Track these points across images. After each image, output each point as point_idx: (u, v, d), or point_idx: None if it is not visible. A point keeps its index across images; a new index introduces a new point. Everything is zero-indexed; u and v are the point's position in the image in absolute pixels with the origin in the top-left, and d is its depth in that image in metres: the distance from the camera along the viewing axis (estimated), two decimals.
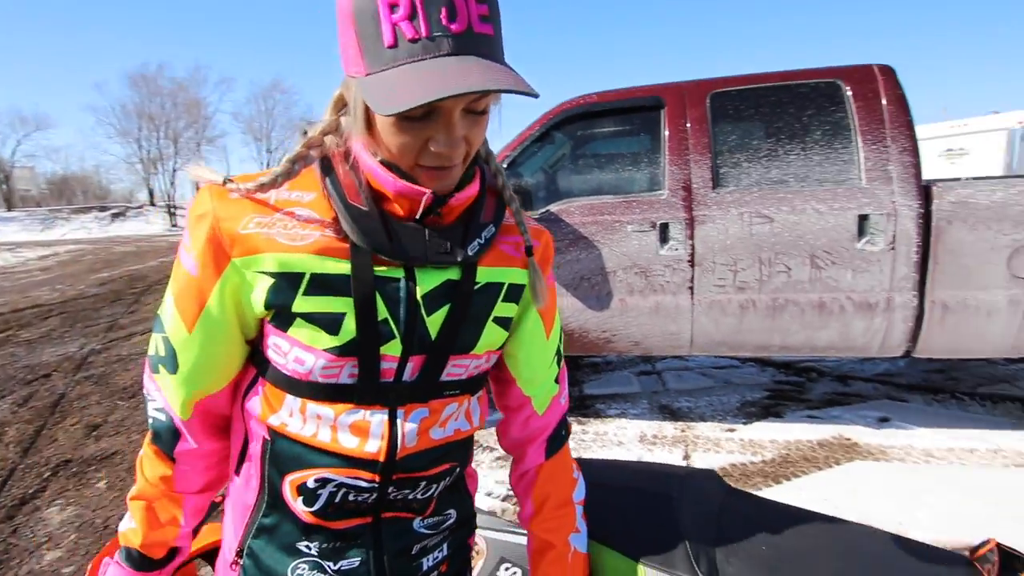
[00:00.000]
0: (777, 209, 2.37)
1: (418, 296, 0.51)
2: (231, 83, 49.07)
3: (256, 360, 0.55)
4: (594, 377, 3.65)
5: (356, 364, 0.50)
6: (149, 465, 0.56)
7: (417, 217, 0.50)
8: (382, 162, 0.48)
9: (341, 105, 0.51)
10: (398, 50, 0.42)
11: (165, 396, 0.54)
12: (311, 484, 0.53)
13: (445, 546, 0.61)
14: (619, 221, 2.52)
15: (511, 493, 2.03)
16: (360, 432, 0.51)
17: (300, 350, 0.50)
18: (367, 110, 0.46)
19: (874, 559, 0.62)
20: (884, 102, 2.31)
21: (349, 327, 0.49)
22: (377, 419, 0.52)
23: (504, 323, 0.57)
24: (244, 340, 0.54)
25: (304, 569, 0.55)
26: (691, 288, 2.48)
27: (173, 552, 0.59)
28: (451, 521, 0.61)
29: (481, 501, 2.09)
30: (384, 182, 0.49)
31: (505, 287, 0.56)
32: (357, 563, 0.55)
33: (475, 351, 0.55)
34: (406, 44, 0.41)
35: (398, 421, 0.52)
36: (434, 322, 0.52)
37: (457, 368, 0.54)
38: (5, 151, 32.16)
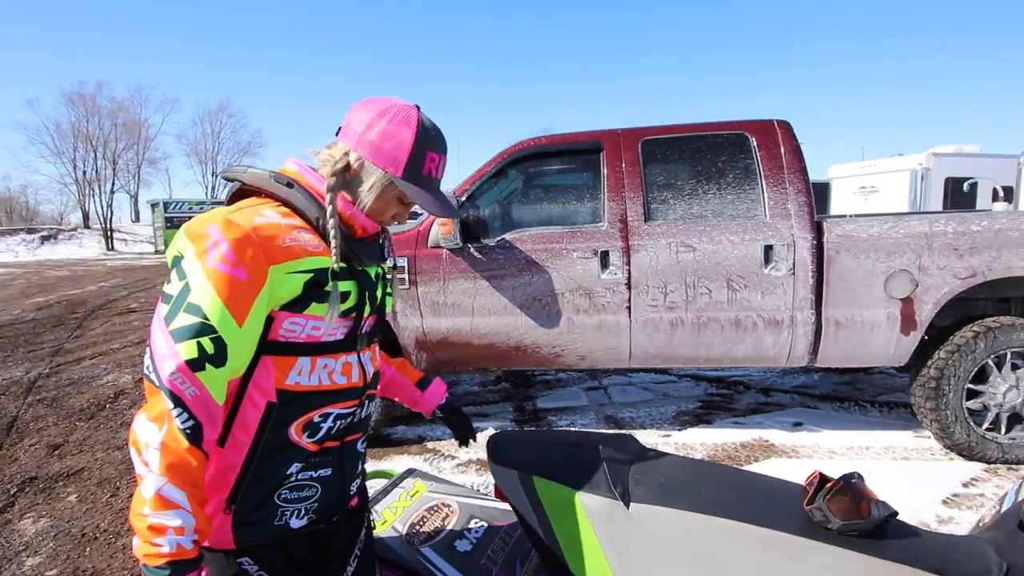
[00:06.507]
0: (699, 240, 3.04)
1: (372, 279, 0.97)
2: (176, 104, 49.03)
3: (259, 346, 0.83)
4: (546, 392, 4.34)
5: (351, 323, 0.91)
6: (182, 465, 0.74)
7: (367, 238, 0.96)
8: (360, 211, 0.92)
9: (345, 170, 0.89)
10: (428, 179, 0.91)
11: (208, 390, 0.75)
12: (316, 419, 0.88)
13: (361, 464, 1.04)
14: (566, 249, 3.16)
15: (478, 479, 2.68)
16: (347, 371, 0.92)
17: (315, 321, 0.85)
18: (381, 187, 0.89)
19: (741, 485, 1.03)
20: (783, 151, 2.99)
21: (353, 299, 0.90)
22: (354, 360, 0.94)
23: (388, 295, 1.07)
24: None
25: (296, 472, 0.89)
26: (628, 308, 3.14)
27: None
28: (365, 445, 1.06)
29: (456, 478, 2.76)
30: (364, 222, 0.92)
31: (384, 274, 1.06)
32: (329, 472, 0.93)
33: (387, 310, 1.06)
34: (432, 178, 0.91)
35: (362, 359, 0.96)
36: (378, 295, 0.99)
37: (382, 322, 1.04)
38: None
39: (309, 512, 0.92)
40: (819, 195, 11.25)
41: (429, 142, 0.90)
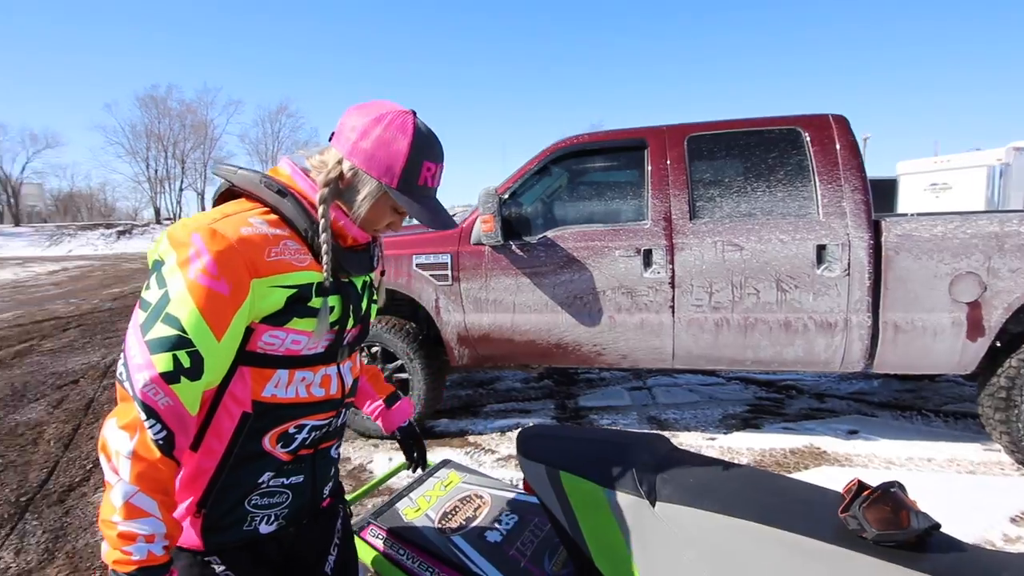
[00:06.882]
0: (746, 239, 2.95)
1: (358, 290, 0.95)
2: (239, 106, 51.44)
3: (236, 357, 0.81)
4: (588, 391, 4.31)
5: (333, 335, 0.89)
6: (154, 474, 0.73)
7: (356, 248, 0.93)
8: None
9: (339, 178, 0.86)
10: (424, 188, 0.87)
11: (182, 401, 0.74)
12: (291, 431, 0.88)
13: (334, 467, 1.05)
14: (608, 247, 3.14)
15: (516, 474, 2.71)
16: (326, 383, 0.91)
17: (295, 335, 0.83)
18: (376, 198, 0.86)
19: (774, 489, 0.96)
20: (838, 147, 2.86)
21: (336, 313, 0.88)
22: (334, 371, 0.92)
23: (374, 302, 1.04)
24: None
25: (267, 480, 0.89)
26: (672, 307, 3.09)
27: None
28: (339, 450, 1.06)
29: (495, 472, 2.81)
30: (357, 233, 0.89)
31: (372, 282, 1.04)
32: (301, 479, 0.93)
33: (372, 320, 1.03)
34: (428, 187, 0.88)
35: (341, 370, 0.95)
36: (364, 305, 0.98)
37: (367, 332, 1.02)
38: (14, 168, 35.55)
39: (279, 518, 0.92)
40: (886, 192, 10.62)
41: (425, 151, 0.86)
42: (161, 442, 0.74)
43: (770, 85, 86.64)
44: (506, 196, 3.28)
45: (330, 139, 0.89)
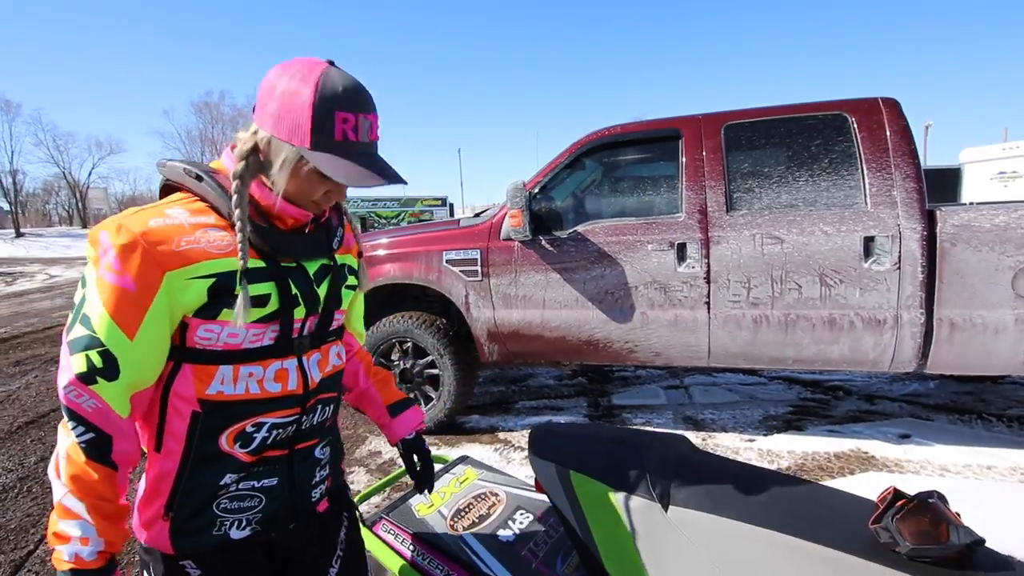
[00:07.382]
0: (787, 231, 2.81)
1: (311, 276, 0.86)
2: None
3: (175, 353, 0.77)
4: (623, 389, 4.22)
5: (277, 327, 0.81)
6: (83, 477, 0.72)
7: (300, 229, 0.85)
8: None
9: (255, 151, 0.78)
10: (344, 144, 0.74)
11: (108, 402, 0.72)
12: (248, 429, 0.81)
13: (327, 469, 0.98)
14: (640, 241, 3.06)
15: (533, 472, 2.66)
16: (281, 378, 0.82)
17: (230, 328, 0.76)
18: (292, 165, 0.76)
19: (800, 496, 0.91)
20: (888, 132, 2.69)
21: (274, 302, 0.79)
22: (292, 365, 0.83)
23: (351, 288, 0.96)
24: (170, 337, 0.76)
25: (233, 483, 0.83)
26: (707, 303, 2.98)
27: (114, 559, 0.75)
28: (330, 449, 0.98)
29: (524, 469, 2.78)
30: (287, 209, 0.80)
31: (348, 266, 0.96)
32: (275, 482, 0.86)
33: (343, 307, 0.93)
34: (349, 142, 0.74)
35: (304, 363, 0.85)
36: (321, 291, 0.87)
37: (335, 320, 0.92)
38: (82, 173, 38.65)
39: (251, 523, 0.86)
40: (948, 182, 10.01)
41: (335, 100, 0.73)
42: (85, 445, 0.73)
43: (830, 77, 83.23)
44: (535, 191, 3.23)
45: (252, 110, 0.81)
